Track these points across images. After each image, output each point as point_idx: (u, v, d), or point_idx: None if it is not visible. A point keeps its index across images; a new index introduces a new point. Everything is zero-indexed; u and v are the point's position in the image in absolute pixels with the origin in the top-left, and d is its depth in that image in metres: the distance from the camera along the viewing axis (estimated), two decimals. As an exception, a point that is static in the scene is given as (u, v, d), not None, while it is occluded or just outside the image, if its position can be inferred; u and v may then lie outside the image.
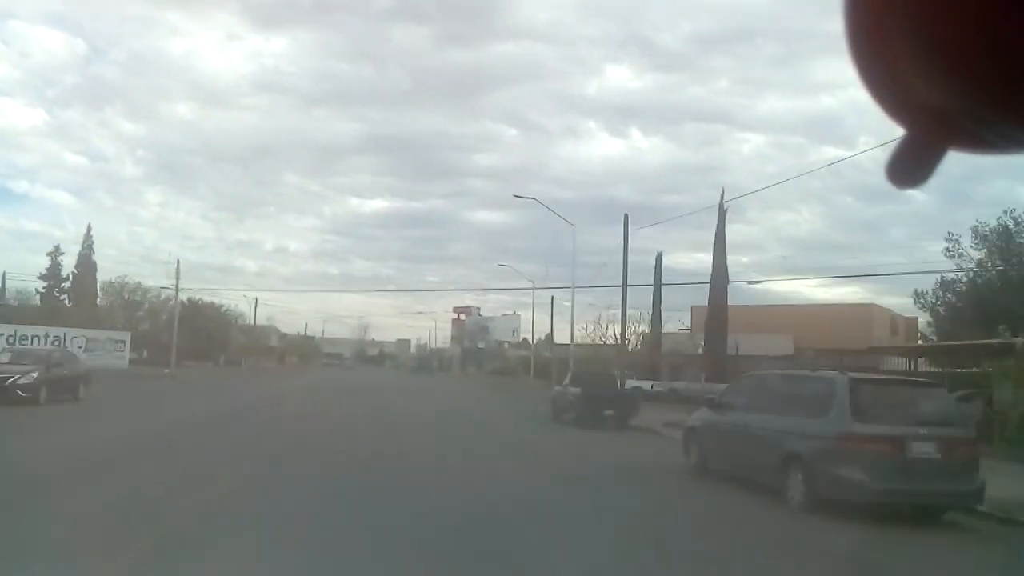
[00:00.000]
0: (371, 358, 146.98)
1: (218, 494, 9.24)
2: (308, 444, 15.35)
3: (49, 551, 6.20)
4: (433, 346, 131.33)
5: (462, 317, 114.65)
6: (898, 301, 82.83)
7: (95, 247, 73.68)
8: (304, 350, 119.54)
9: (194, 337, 69.70)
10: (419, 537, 7.45)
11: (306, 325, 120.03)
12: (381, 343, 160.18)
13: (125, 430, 16.63)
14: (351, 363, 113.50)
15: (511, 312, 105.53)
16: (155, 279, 69.10)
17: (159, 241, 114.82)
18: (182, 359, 68.08)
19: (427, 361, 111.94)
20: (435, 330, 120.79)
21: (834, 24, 0.69)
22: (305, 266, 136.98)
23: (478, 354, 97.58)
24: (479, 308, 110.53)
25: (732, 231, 79.91)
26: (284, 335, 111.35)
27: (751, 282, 54.51)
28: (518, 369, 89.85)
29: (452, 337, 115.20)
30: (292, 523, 7.69)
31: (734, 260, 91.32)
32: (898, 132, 0.73)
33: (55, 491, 8.63)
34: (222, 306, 77.40)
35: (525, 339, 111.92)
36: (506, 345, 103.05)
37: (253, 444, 14.86)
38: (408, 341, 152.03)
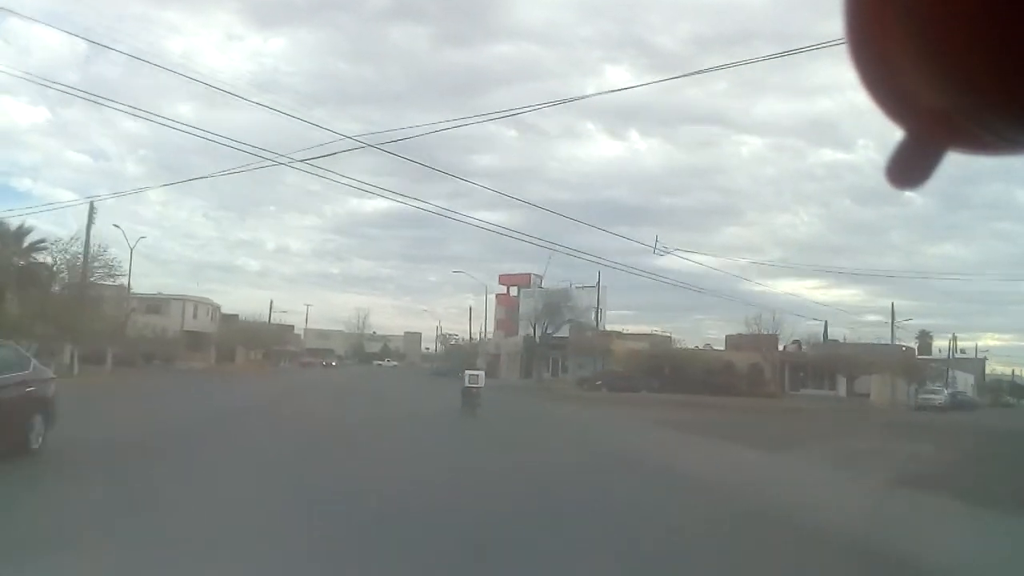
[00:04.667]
0: (371, 355, 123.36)
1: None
2: None
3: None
4: (454, 339, 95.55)
5: (513, 292, 73.79)
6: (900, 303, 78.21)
7: None
8: (271, 343, 78.78)
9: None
10: None
11: (271, 303, 79.02)
12: (385, 337, 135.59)
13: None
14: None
15: (579, 284, 64.34)
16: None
17: (161, 240, 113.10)
18: None
19: (463, 360, 71.77)
20: (478, 313, 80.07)
21: (832, 27, 0.67)
22: (306, 265, 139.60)
23: (557, 348, 56.36)
24: (540, 278, 69.76)
25: (729, 234, 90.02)
26: (234, 317, 70.48)
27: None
28: (638, 380, 49.66)
29: (497, 322, 74.05)
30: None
31: (731, 262, 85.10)
32: (897, 133, 0.72)
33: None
34: (38, 242, 35.74)
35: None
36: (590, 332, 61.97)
37: None
38: (418, 335, 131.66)
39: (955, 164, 0.73)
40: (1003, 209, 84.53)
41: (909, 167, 0.72)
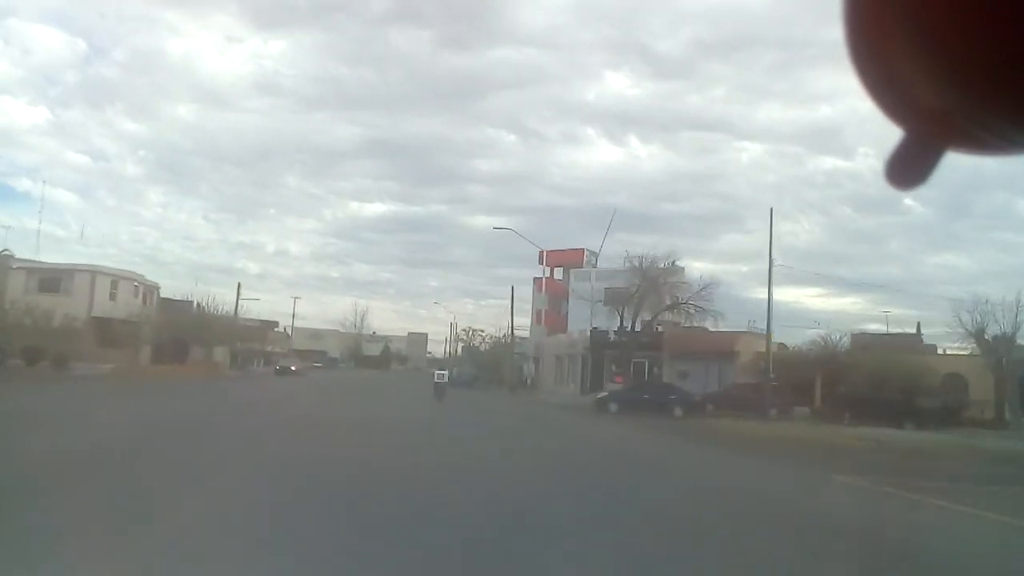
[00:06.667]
0: (370, 359, 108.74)
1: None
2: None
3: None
4: (482, 334, 79.90)
5: (557, 275, 55.58)
6: (901, 312, 72.62)
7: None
8: (240, 339, 60.81)
9: None
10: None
11: (238, 286, 60.99)
12: (386, 338, 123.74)
13: None
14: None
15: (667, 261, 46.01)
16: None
17: (161, 241, 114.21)
18: None
19: (483, 365, 53.85)
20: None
21: (833, 32, 0.68)
22: (306, 269, 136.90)
23: (645, 350, 37.87)
24: (595, 254, 51.79)
25: (730, 240, 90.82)
26: (185, 304, 52.28)
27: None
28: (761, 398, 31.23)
29: (537, 316, 55.77)
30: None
31: (732, 269, 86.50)
32: (897, 135, 0.72)
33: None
34: None
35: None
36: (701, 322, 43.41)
37: None
38: (424, 335, 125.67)
39: (955, 171, 0.70)
40: (1004, 219, 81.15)
41: (909, 167, 0.71)
